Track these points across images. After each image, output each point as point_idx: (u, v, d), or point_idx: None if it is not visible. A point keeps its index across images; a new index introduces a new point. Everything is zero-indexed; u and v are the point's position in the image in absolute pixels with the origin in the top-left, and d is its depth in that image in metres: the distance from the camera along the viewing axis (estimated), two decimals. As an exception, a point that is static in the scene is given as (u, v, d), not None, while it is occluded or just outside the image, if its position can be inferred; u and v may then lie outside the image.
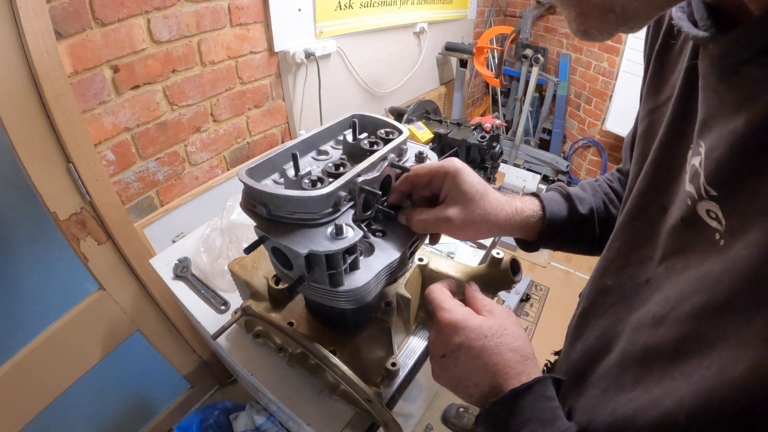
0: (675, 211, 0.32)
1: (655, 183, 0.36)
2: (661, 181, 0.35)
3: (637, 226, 0.38)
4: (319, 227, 0.45)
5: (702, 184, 0.28)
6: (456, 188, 0.47)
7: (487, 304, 0.43)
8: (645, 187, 0.37)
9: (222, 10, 1.12)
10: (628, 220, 0.39)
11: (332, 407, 0.64)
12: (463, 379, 0.39)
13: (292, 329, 0.59)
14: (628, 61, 2.36)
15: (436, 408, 1.55)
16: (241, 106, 1.29)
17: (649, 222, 0.35)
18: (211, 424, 1.28)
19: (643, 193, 0.37)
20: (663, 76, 0.38)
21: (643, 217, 0.37)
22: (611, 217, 0.55)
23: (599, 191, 0.57)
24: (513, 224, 0.50)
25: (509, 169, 2.67)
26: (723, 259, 0.25)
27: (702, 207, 0.28)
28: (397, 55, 1.93)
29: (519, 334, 0.40)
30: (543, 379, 0.36)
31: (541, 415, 0.34)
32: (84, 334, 1.07)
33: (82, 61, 0.87)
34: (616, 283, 0.39)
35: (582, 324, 0.43)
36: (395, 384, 0.66)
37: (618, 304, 0.37)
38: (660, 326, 0.29)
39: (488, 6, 2.76)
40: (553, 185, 0.57)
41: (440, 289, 0.45)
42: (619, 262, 0.39)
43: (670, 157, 0.34)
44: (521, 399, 0.35)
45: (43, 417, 1.03)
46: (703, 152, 0.28)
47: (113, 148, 1.00)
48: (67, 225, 0.95)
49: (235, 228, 0.94)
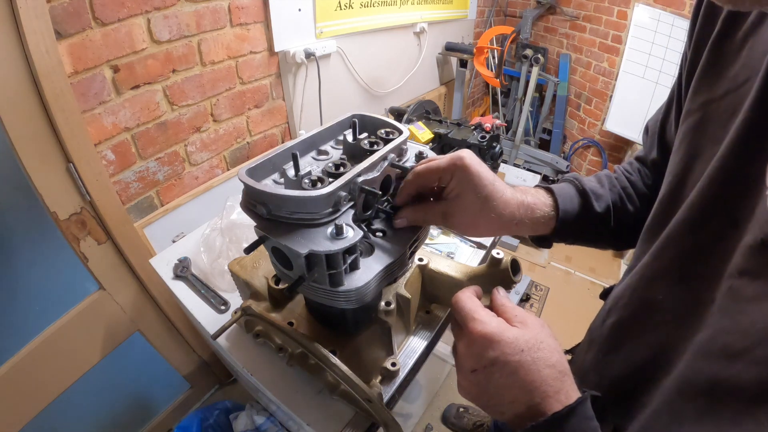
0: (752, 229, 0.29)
1: (724, 193, 0.32)
2: (732, 191, 0.32)
3: (698, 237, 0.34)
4: (319, 227, 0.45)
5: None
6: (465, 186, 0.44)
7: (519, 314, 0.39)
8: (710, 195, 0.33)
9: (222, 10, 1.12)
10: (686, 229, 0.35)
11: (332, 407, 0.64)
12: (496, 395, 0.36)
13: (292, 329, 0.59)
14: (628, 61, 2.36)
15: (436, 408, 1.55)
16: (241, 106, 1.29)
17: (715, 235, 0.32)
18: (211, 424, 1.28)
19: (707, 201, 0.34)
20: (721, 66, 0.35)
21: (706, 227, 0.33)
22: (628, 212, 0.51)
23: (617, 185, 0.53)
24: (528, 222, 0.48)
25: (509, 169, 2.68)
26: None
27: None
28: (397, 55, 1.93)
29: (555, 347, 0.36)
30: (584, 399, 0.33)
31: None
32: (84, 334, 1.07)
33: (82, 61, 0.87)
34: (670, 297, 0.35)
35: (619, 335, 0.40)
36: (395, 384, 0.66)
37: (673, 322, 0.34)
38: (736, 362, 0.27)
39: (488, 6, 2.76)
40: (568, 175, 0.54)
41: (469, 297, 0.40)
42: (673, 274, 0.36)
43: (744, 166, 0.31)
44: (564, 423, 0.32)
45: (43, 417, 1.03)
46: None
47: (113, 147, 1.00)
48: (67, 225, 0.95)
49: (235, 228, 0.93)
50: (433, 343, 0.74)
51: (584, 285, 2.22)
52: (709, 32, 0.37)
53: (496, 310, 0.40)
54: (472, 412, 1.48)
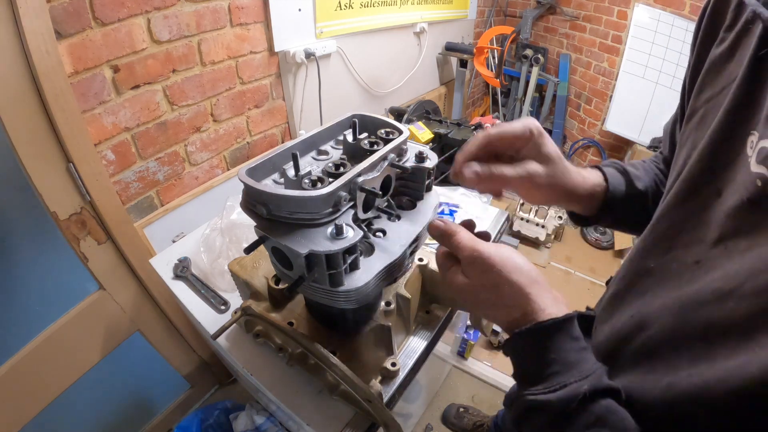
0: (734, 194, 0.32)
1: (710, 167, 0.35)
2: (717, 165, 0.35)
3: (687, 209, 0.37)
4: (319, 227, 0.45)
5: None
6: (540, 149, 0.45)
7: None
8: (698, 170, 0.37)
9: (222, 10, 1.12)
10: (676, 202, 0.39)
11: (332, 407, 0.64)
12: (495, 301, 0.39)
13: (292, 329, 0.59)
14: (628, 61, 2.36)
15: (436, 408, 1.55)
16: (241, 106, 1.29)
17: (702, 205, 0.35)
18: (211, 424, 1.28)
19: (695, 175, 0.37)
20: (717, 67, 0.39)
21: (694, 200, 0.37)
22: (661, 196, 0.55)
23: (651, 171, 0.57)
24: (582, 192, 0.50)
25: (509, 169, 2.68)
26: None
27: None
28: (397, 55, 1.93)
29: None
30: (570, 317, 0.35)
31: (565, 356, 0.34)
32: (84, 334, 1.07)
33: (82, 61, 0.87)
34: (660, 265, 0.38)
35: (614, 305, 0.43)
36: (395, 384, 0.66)
37: (658, 286, 0.37)
38: (727, 301, 0.29)
39: (488, 6, 2.76)
40: (607, 161, 0.56)
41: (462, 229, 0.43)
42: (665, 244, 0.39)
43: (728, 142, 0.34)
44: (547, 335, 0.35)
45: (43, 417, 1.03)
46: None
47: (113, 147, 1.00)
48: (67, 225, 0.95)
49: (235, 228, 0.94)
50: (433, 343, 0.74)
51: (584, 285, 2.22)
52: (711, 40, 0.40)
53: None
54: (472, 412, 1.49)
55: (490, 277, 0.38)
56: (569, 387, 0.32)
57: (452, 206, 1.18)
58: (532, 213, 2.28)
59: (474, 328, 1.67)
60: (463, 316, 1.47)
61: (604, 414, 0.31)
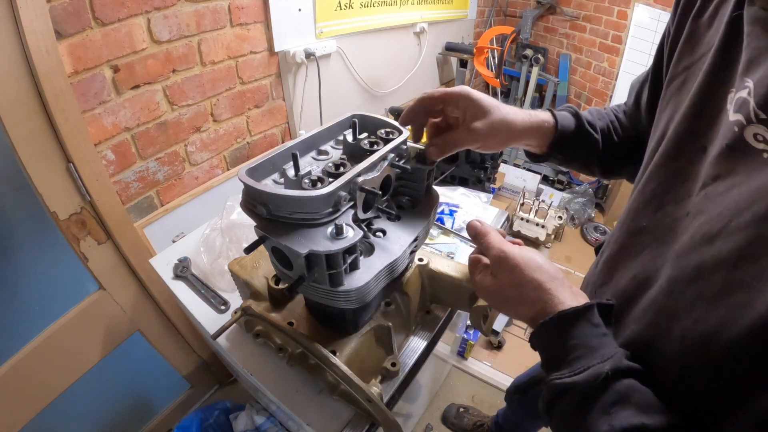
0: (718, 141, 0.34)
1: (694, 126, 0.38)
2: (700, 124, 0.37)
3: (675, 166, 0.39)
4: (319, 227, 0.45)
5: (752, 109, 0.31)
6: (472, 104, 0.50)
7: None
8: (683, 130, 0.39)
9: (222, 10, 1.12)
10: (663, 161, 0.41)
11: (332, 407, 0.64)
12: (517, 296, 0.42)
13: (292, 329, 0.59)
14: (628, 61, 2.36)
15: (436, 408, 1.55)
16: (241, 106, 1.29)
17: (689, 162, 0.37)
18: (211, 424, 1.28)
19: (680, 135, 0.39)
20: (698, 36, 0.41)
21: (681, 158, 0.39)
22: (613, 140, 0.61)
23: (605, 117, 0.62)
24: (530, 129, 0.54)
25: (509, 169, 2.67)
26: None
27: (750, 131, 0.31)
28: (397, 55, 1.93)
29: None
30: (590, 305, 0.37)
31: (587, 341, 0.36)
32: (84, 334, 1.07)
33: (82, 61, 0.87)
34: (652, 222, 0.40)
35: (611, 267, 0.45)
36: (395, 384, 0.66)
37: (655, 243, 0.39)
38: (715, 241, 0.31)
39: (488, 6, 2.76)
40: (563, 105, 0.61)
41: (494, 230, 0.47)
42: (655, 202, 0.41)
43: (710, 102, 0.36)
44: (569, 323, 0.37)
45: (43, 416, 1.03)
46: (752, 84, 0.31)
47: (113, 147, 1.00)
48: (67, 225, 0.95)
49: (235, 228, 0.94)
50: (433, 343, 0.74)
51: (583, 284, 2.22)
52: (689, 11, 0.43)
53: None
54: (472, 412, 1.48)
55: (515, 275, 0.41)
56: (592, 368, 0.34)
57: (452, 206, 1.18)
58: (532, 213, 2.28)
59: (474, 328, 1.67)
60: (463, 316, 1.47)
61: (627, 392, 0.32)
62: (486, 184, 1.39)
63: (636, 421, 0.31)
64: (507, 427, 1.26)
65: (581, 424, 0.33)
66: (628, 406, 0.32)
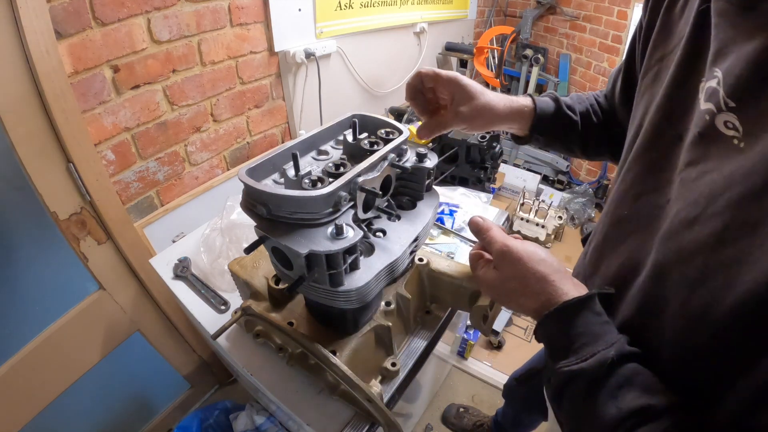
0: (691, 130, 0.35)
1: (669, 116, 0.39)
2: (674, 114, 0.38)
3: (653, 156, 0.41)
4: (319, 227, 0.45)
5: (722, 98, 0.32)
6: (460, 89, 0.55)
7: None
8: (658, 120, 0.40)
9: (222, 10, 1.12)
10: (642, 151, 0.42)
11: (332, 407, 0.64)
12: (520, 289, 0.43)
13: (292, 329, 0.59)
14: (628, 61, 2.36)
15: (436, 408, 1.55)
16: (241, 106, 1.29)
17: (666, 151, 0.39)
18: (211, 424, 1.28)
19: (656, 125, 0.40)
20: (670, 28, 0.43)
21: (657, 146, 0.40)
22: (592, 122, 0.64)
23: (585, 101, 0.66)
24: (511, 113, 0.59)
25: (509, 169, 2.67)
26: (748, 156, 0.29)
27: (720, 119, 0.32)
28: (397, 55, 1.93)
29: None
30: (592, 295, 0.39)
31: (591, 329, 0.37)
32: (84, 334, 1.07)
33: (82, 61, 0.87)
34: (634, 210, 0.42)
35: (598, 257, 0.47)
36: (395, 384, 0.66)
37: (639, 230, 0.40)
38: (693, 226, 0.32)
39: (488, 6, 2.76)
40: (545, 92, 0.65)
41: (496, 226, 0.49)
42: (635, 189, 0.42)
43: (683, 91, 0.38)
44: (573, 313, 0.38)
45: (43, 417, 1.03)
46: (721, 74, 0.33)
47: (113, 147, 1.00)
48: (67, 225, 0.95)
49: (235, 228, 0.94)
50: (433, 343, 0.74)
51: (584, 285, 2.22)
52: (660, 4, 0.45)
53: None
54: (472, 412, 1.48)
55: (518, 267, 0.42)
56: (598, 355, 0.35)
57: (452, 206, 1.18)
58: (532, 213, 2.28)
59: (474, 328, 1.67)
60: (463, 316, 1.47)
61: (631, 375, 0.34)
62: (486, 184, 1.38)
63: (642, 402, 0.32)
64: (506, 424, 1.26)
65: (590, 409, 0.34)
66: (633, 389, 0.33)
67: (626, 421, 0.32)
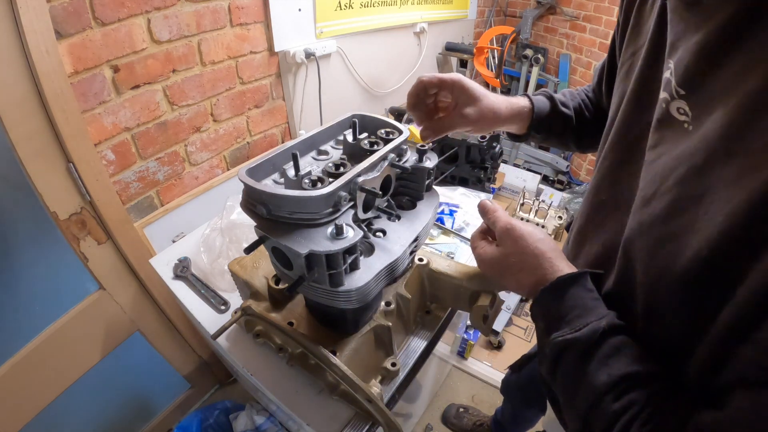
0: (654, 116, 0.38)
1: (638, 108, 0.43)
2: (643, 106, 0.42)
3: (624, 144, 0.45)
4: (319, 227, 0.45)
5: (673, 87, 0.35)
6: (464, 92, 0.57)
7: None
8: (629, 111, 0.44)
9: (222, 10, 1.12)
10: (617, 139, 0.46)
11: (332, 407, 0.64)
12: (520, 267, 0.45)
13: (292, 329, 0.60)
14: (628, 61, 2.36)
15: (436, 408, 1.55)
16: (241, 106, 1.29)
17: (637, 139, 0.42)
18: (211, 424, 1.28)
19: (627, 116, 0.44)
20: (640, 25, 0.46)
21: (630, 136, 0.44)
22: (585, 117, 0.68)
23: (577, 97, 0.70)
24: (512, 115, 0.62)
25: (509, 169, 2.67)
26: (694, 137, 0.33)
27: (674, 106, 0.36)
28: (397, 55, 1.93)
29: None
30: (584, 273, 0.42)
31: (584, 303, 0.40)
32: (84, 334, 1.07)
33: (82, 61, 0.87)
34: (611, 196, 0.46)
35: (581, 241, 0.50)
36: (395, 384, 0.66)
37: (616, 214, 0.44)
38: (651, 202, 0.36)
39: (488, 6, 2.76)
40: (539, 90, 0.69)
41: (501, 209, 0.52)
42: (611, 177, 0.46)
43: (649, 83, 0.41)
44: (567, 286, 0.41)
45: (44, 416, 1.03)
46: (673, 65, 0.36)
47: (113, 147, 1.00)
48: (67, 225, 0.95)
49: (235, 228, 0.94)
50: (433, 343, 0.74)
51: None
52: (633, 2, 0.48)
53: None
54: (472, 412, 1.49)
55: (520, 244, 0.45)
56: (590, 325, 0.38)
57: (452, 206, 1.18)
58: (532, 213, 2.28)
59: (474, 328, 1.67)
60: (463, 316, 1.47)
61: (620, 345, 0.36)
62: (486, 184, 1.38)
63: (630, 369, 0.35)
64: (505, 422, 1.26)
65: (582, 376, 0.37)
66: (622, 357, 0.35)
67: (617, 387, 0.34)
